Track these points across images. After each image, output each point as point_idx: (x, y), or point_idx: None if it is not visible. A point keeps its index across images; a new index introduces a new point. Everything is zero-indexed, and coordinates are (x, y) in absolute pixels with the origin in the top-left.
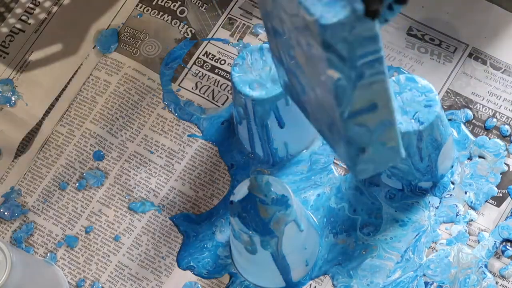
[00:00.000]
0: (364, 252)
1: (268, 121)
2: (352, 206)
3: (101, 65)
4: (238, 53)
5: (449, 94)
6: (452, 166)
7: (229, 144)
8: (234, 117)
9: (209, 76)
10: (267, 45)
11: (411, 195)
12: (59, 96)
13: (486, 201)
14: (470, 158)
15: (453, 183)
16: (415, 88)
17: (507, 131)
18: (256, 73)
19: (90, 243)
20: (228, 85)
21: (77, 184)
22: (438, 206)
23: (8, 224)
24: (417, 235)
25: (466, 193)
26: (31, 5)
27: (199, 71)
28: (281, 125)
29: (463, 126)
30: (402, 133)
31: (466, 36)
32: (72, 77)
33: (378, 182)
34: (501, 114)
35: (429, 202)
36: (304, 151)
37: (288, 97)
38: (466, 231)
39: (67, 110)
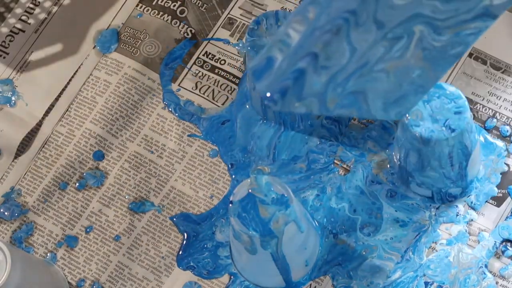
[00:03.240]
0: (364, 253)
1: None
2: (352, 206)
3: (101, 65)
4: (238, 53)
5: None
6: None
7: (229, 144)
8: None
9: (209, 76)
10: (282, 12)
11: (440, 203)
12: (59, 96)
13: (486, 201)
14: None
15: None
16: (444, 95)
17: (507, 131)
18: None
19: (90, 243)
20: (228, 85)
21: (77, 184)
22: (438, 206)
23: (8, 224)
24: (417, 235)
25: None
26: (31, 5)
27: (199, 71)
28: None
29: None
30: (433, 141)
31: None
32: (72, 77)
33: (381, 181)
34: (501, 115)
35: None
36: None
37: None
38: (466, 231)
39: (67, 110)
